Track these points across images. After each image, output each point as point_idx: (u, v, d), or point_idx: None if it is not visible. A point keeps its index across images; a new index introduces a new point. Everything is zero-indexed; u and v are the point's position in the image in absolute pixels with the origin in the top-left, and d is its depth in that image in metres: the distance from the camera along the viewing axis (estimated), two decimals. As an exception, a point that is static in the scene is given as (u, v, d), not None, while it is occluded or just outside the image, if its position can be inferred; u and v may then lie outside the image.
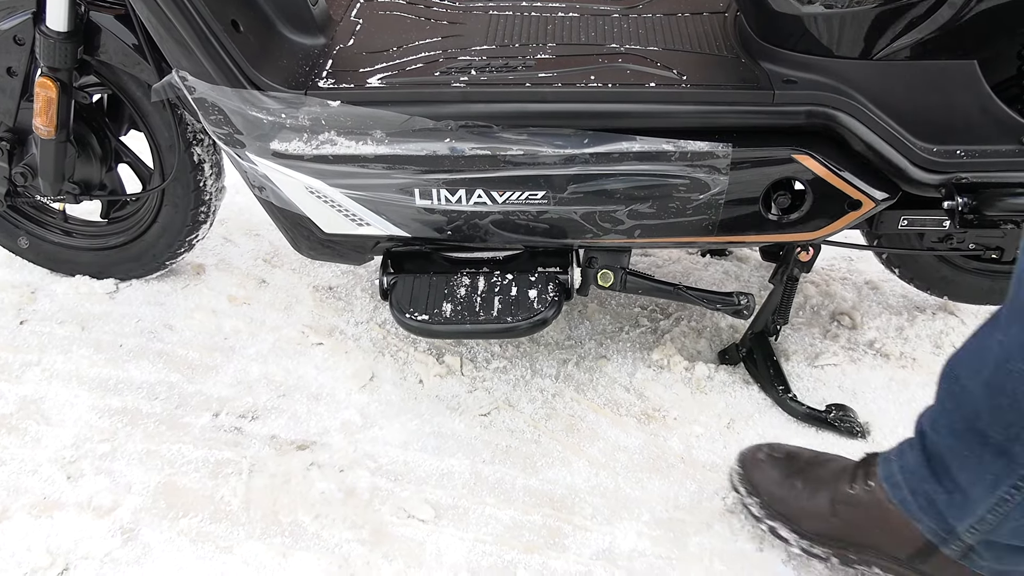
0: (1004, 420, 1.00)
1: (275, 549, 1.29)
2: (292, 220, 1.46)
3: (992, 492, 1.04)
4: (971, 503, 1.06)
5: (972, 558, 1.11)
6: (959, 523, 1.09)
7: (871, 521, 1.18)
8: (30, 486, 1.38)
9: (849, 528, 1.20)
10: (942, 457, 1.09)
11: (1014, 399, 0.98)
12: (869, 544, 1.20)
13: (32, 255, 1.80)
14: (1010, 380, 0.98)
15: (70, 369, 1.60)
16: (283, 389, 1.57)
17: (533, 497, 1.38)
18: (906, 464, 1.15)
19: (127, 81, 1.53)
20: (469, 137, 1.32)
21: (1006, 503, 1.03)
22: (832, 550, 1.23)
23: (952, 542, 1.11)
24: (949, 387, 1.08)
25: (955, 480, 1.08)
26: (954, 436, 1.07)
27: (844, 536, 1.21)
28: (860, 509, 1.19)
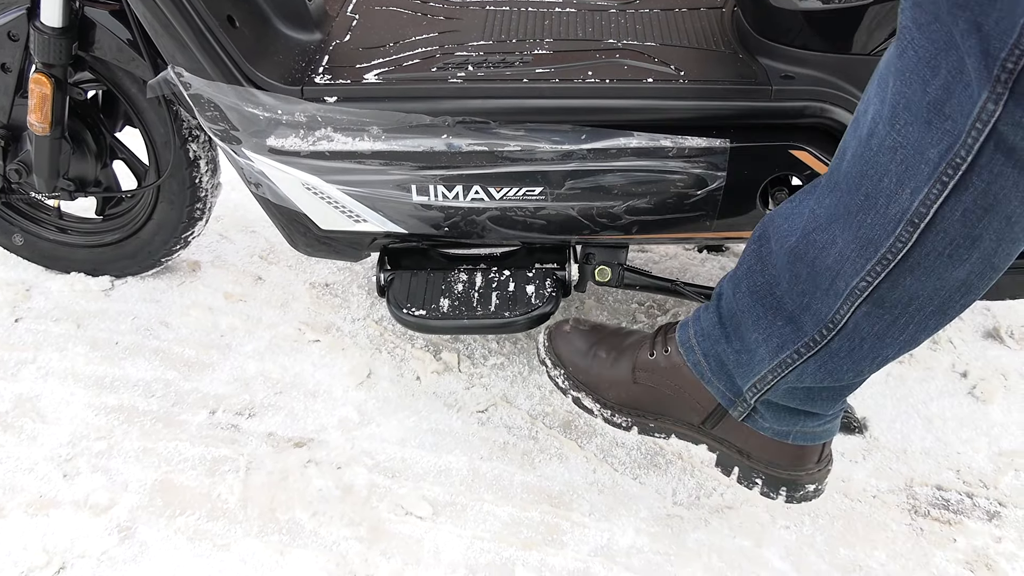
0: (799, 289, 1.03)
1: (272, 547, 1.29)
2: (288, 216, 1.46)
3: (776, 355, 1.08)
4: (756, 363, 1.12)
5: (754, 418, 1.18)
6: (744, 381, 1.15)
7: (667, 386, 1.23)
8: (26, 484, 1.37)
9: (647, 395, 1.25)
10: (736, 317, 1.13)
11: (812, 269, 1.01)
12: (666, 411, 1.25)
13: (27, 252, 1.79)
14: (811, 249, 1.01)
15: (66, 367, 1.59)
16: (280, 386, 1.56)
17: (531, 494, 1.38)
18: (700, 327, 1.19)
19: (122, 77, 1.52)
20: (466, 133, 1.31)
21: (786, 366, 1.08)
22: (632, 418, 1.28)
23: (738, 403, 1.18)
24: (758, 249, 1.10)
25: (744, 340, 1.12)
26: (753, 297, 1.10)
27: (643, 404, 1.27)
28: (658, 375, 1.24)
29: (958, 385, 1.59)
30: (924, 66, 0.85)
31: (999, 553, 1.30)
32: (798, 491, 1.21)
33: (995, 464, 1.44)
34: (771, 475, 1.21)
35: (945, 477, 1.42)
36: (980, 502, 1.38)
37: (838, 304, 1.00)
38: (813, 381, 1.09)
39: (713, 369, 1.18)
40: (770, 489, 1.22)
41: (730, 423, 1.21)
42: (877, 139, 0.92)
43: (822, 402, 1.14)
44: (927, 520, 1.35)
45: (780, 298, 1.06)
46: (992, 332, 1.70)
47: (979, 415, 1.53)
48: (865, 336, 1.01)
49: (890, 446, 1.47)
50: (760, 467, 1.21)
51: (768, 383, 1.12)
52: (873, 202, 0.94)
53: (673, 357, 1.22)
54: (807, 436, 1.18)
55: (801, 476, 1.20)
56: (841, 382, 1.08)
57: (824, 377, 1.07)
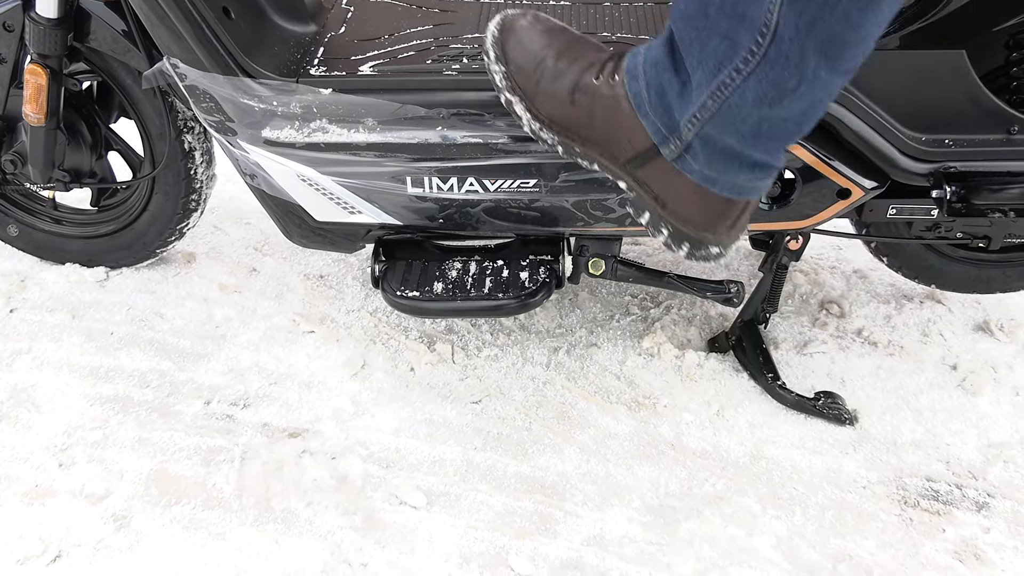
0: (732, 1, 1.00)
1: (268, 536, 1.29)
2: (283, 208, 1.46)
3: (715, 76, 1.04)
4: (695, 90, 1.08)
5: (686, 159, 1.14)
6: (682, 114, 1.11)
7: (603, 115, 1.19)
8: (22, 474, 1.38)
9: (581, 118, 1.21)
10: (684, 44, 1.08)
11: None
12: (595, 140, 1.22)
13: (22, 243, 1.79)
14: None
15: (61, 357, 1.59)
16: (275, 377, 1.57)
17: (524, 484, 1.39)
18: (651, 55, 1.15)
19: (117, 68, 1.52)
20: (461, 125, 1.32)
21: (726, 87, 1.04)
22: (560, 137, 1.24)
23: (672, 140, 1.14)
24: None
25: (684, 67, 1.09)
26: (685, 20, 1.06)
27: (574, 126, 1.22)
28: (597, 101, 1.19)
29: (948, 377, 1.60)
30: None
31: (987, 543, 1.31)
32: (700, 249, 1.21)
33: (984, 456, 1.45)
34: (678, 230, 1.20)
35: (935, 468, 1.43)
36: (969, 493, 1.39)
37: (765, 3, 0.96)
38: (754, 104, 1.04)
39: (652, 101, 1.13)
40: (674, 242, 1.21)
41: (656, 167, 1.18)
42: None
43: (764, 141, 1.09)
44: (917, 511, 1.36)
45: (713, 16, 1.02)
46: (982, 325, 1.71)
47: (968, 407, 1.54)
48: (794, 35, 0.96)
49: (880, 438, 1.48)
50: (670, 219, 1.20)
51: (708, 111, 1.07)
52: None
53: (617, 87, 1.17)
54: (734, 188, 1.15)
55: (708, 237, 1.19)
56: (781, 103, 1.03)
57: (769, 91, 1.02)
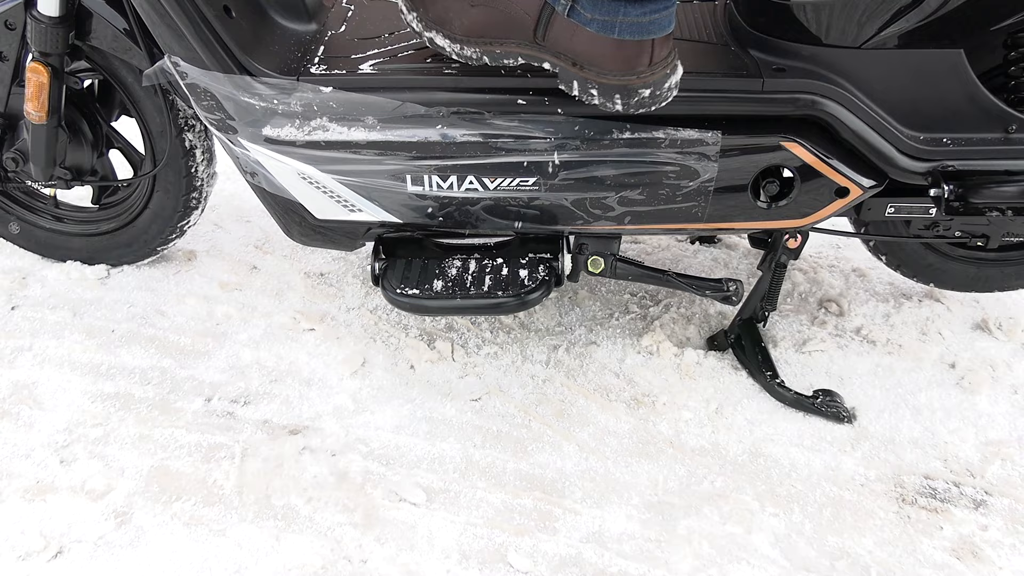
0: None
1: (268, 532, 1.30)
2: (284, 206, 1.47)
3: None
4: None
5: (576, 9, 1.18)
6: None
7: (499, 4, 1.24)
8: (23, 470, 1.38)
9: (486, 16, 1.26)
10: None
11: None
12: (506, 33, 1.26)
13: (23, 241, 1.80)
14: None
15: (62, 354, 1.60)
16: (275, 374, 1.57)
17: (524, 481, 1.39)
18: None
19: (118, 66, 1.53)
20: (460, 123, 1.32)
21: None
22: (481, 47, 1.29)
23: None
24: None
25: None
26: None
27: (486, 28, 1.27)
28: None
29: (946, 376, 1.61)
30: None
31: (985, 541, 1.32)
32: (632, 97, 1.21)
33: (982, 453, 1.46)
34: (603, 83, 1.21)
35: (933, 466, 1.44)
36: (967, 491, 1.40)
37: None
38: None
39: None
40: (605, 98, 1.22)
41: (559, 28, 1.21)
42: None
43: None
44: (914, 508, 1.37)
45: None
46: (980, 324, 1.72)
47: (967, 405, 1.55)
48: None
49: (879, 436, 1.48)
50: (592, 75, 1.21)
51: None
52: None
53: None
54: (632, 28, 1.17)
55: (632, 80, 1.20)
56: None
57: None
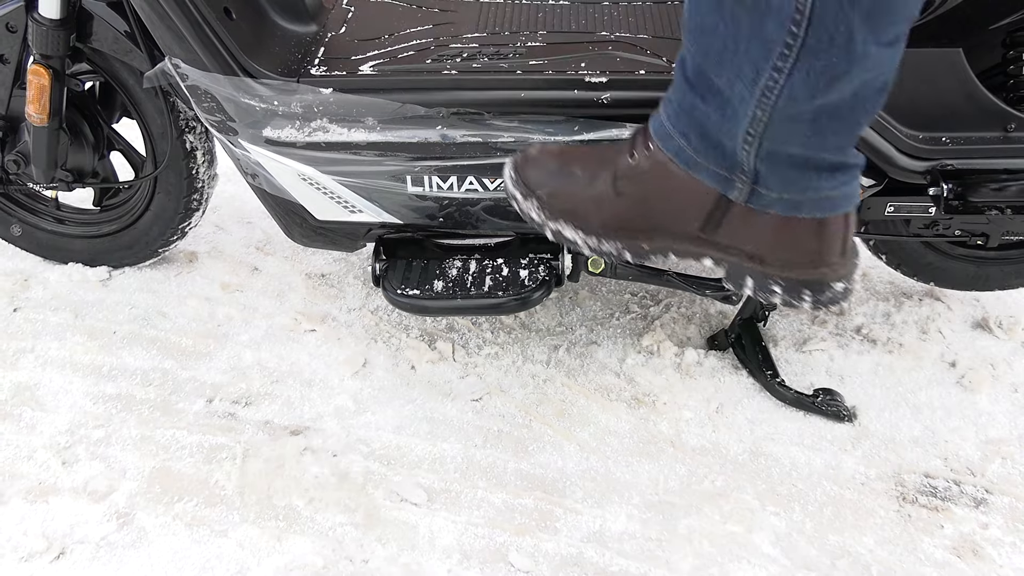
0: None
1: (269, 533, 1.30)
2: (285, 207, 1.47)
3: (755, 83, 0.96)
4: (739, 107, 0.99)
5: (759, 192, 1.05)
6: (734, 139, 1.01)
7: (656, 191, 1.10)
8: (26, 471, 1.39)
9: (635, 208, 1.12)
10: (702, 69, 1.00)
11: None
12: (659, 224, 1.12)
13: (25, 243, 1.80)
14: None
15: (64, 356, 1.60)
16: (276, 375, 1.58)
17: (525, 481, 1.40)
18: (672, 107, 1.07)
19: (119, 69, 1.53)
20: (460, 124, 1.33)
21: (771, 91, 0.95)
22: (622, 241, 1.15)
23: (736, 177, 1.04)
24: None
25: (717, 89, 1.00)
26: (705, 34, 0.98)
27: (632, 220, 1.13)
28: (643, 180, 1.10)
29: (947, 375, 1.61)
30: None
31: (985, 539, 1.32)
32: (824, 291, 1.08)
33: (982, 452, 1.46)
34: (791, 280, 1.08)
35: (933, 465, 1.44)
36: (967, 489, 1.40)
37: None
38: (807, 99, 0.95)
39: (697, 146, 1.05)
40: (792, 295, 1.09)
41: (734, 222, 1.07)
42: None
43: (831, 138, 1.00)
44: (915, 507, 1.37)
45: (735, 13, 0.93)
46: (981, 322, 1.72)
47: (967, 404, 1.55)
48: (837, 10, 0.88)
49: (879, 434, 1.48)
50: (775, 271, 1.08)
51: (760, 122, 0.98)
52: None
53: (656, 154, 1.08)
54: (823, 203, 1.04)
55: (824, 273, 1.07)
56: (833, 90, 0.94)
57: (815, 87, 0.94)
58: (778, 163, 1.02)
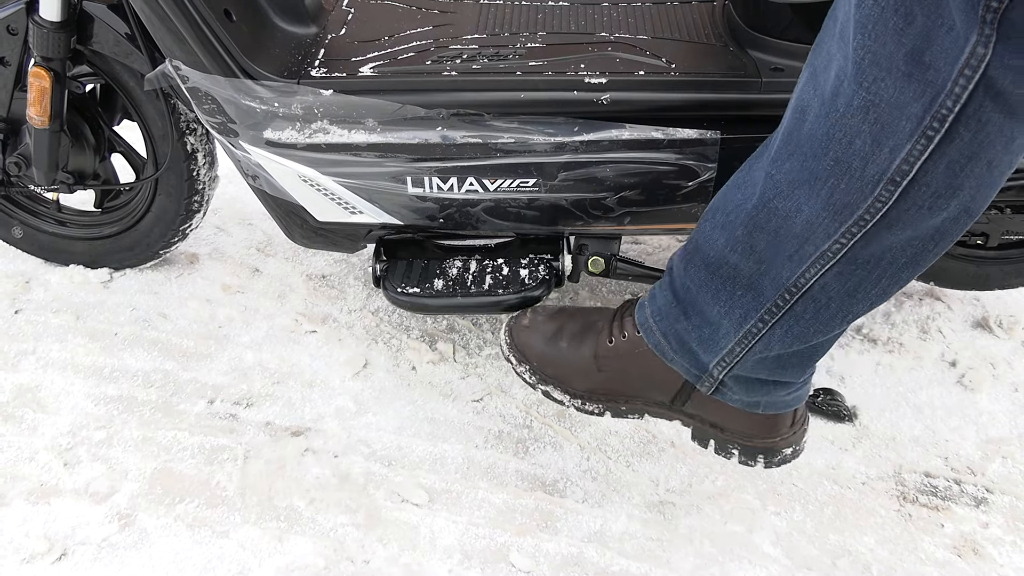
0: (758, 256, 1.00)
1: (271, 533, 1.30)
2: (285, 209, 1.47)
3: (741, 326, 1.05)
4: (720, 337, 1.09)
5: (723, 391, 1.15)
6: (709, 358, 1.12)
7: (632, 369, 1.21)
8: (27, 473, 1.39)
9: (614, 379, 1.23)
10: (692, 292, 1.10)
11: (775, 237, 0.98)
12: (635, 393, 1.23)
13: (26, 245, 1.81)
14: (773, 218, 0.97)
15: (65, 358, 1.61)
16: (277, 376, 1.58)
17: (525, 481, 1.40)
18: (657, 307, 1.16)
19: (120, 71, 1.54)
20: (460, 125, 1.33)
21: (753, 336, 1.05)
22: (603, 404, 1.27)
23: (704, 379, 1.15)
24: (710, 220, 1.08)
25: (704, 315, 1.09)
26: (708, 270, 1.07)
27: (611, 389, 1.24)
28: (621, 359, 1.21)
29: (947, 374, 1.61)
30: (892, 14, 0.79)
31: (986, 538, 1.32)
32: (775, 456, 1.20)
33: (983, 451, 1.46)
34: (746, 445, 1.20)
35: (933, 464, 1.44)
36: (968, 488, 1.40)
37: (803, 268, 0.97)
38: (782, 347, 1.06)
39: (675, 348, 1.15)
40: (747, 458, 1.21)
41: (700, 398, 1.19)
42: (844, 99, 0.86)
43: (792, 369, 1.11)
44: (915, 506, 1.37)
45: (736, 267, 1.03)
46: (981, 322, 1.72)
47: (967, 403, 1.55)
48: (833, 296, 0.98)
49: (879, 434, 1.49)
50: (735, 439, 1.20)
51: (736, 356, 1.09)
52: (845, 166, 0.88)
53: (633, 340, 1.20)
54: (777, 405, 1.16)
55: (776, 442, 1.19)
56: (810, 342, 1.05)
57: (792, 342, 1.04)
58: (743, 381, 1.13)
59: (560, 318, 1.32)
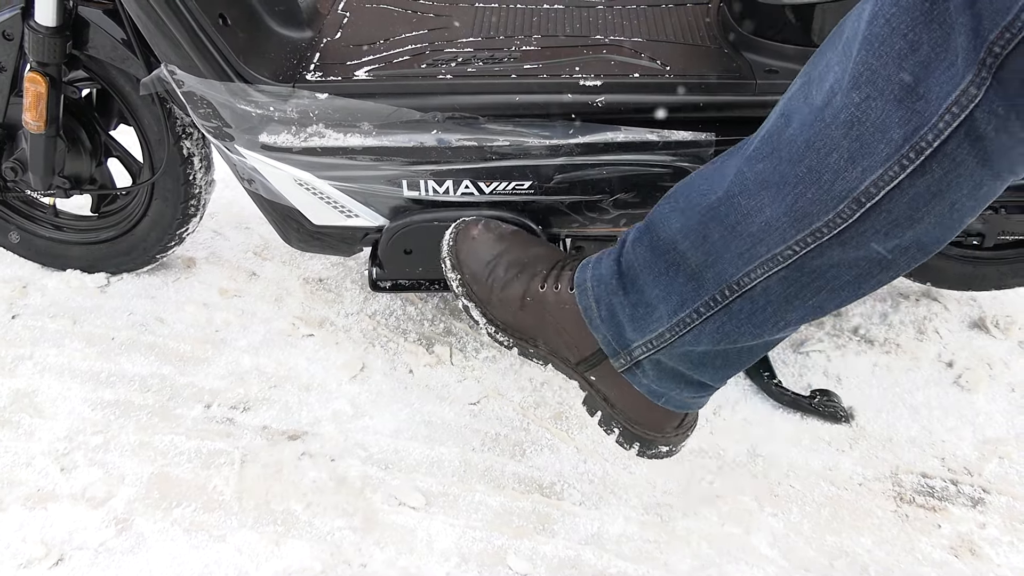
0: (707, 248, 1.00)
1: (268, 537, 1.30)
2: (281, 212, 1.47)
3: (676, 313, 1.05)
4: (653, 320, 1.08)
5: (635, 372, 1.15)
6: (635, 337, 1.11)
7: (553, 323, 1.20)
8: (24, 478, 1.39)
9: (533, 325, 1.23)
10: (635, 270, 1.09)
11: (730, 232, 0.98)
12: (546, 341, 1.23)
13: (23, 250, 1.81)
14: (733, 213, 0.97)
15: (62, 362, 1.61)
16: (274, 380, 1.58)
17: (522, 484, 1.40)
18: (599, 273, 1.15)
19: (116, 76, 1.54)
20: (456, 128, 1.33)
21: (685, 325, 1.05)
22: (514, 339, 1.27)
23: (621, 355, 1.14)
24: (669, 203, 1.08)
25: (643, 294, 1.09)
26: (654, 252, 1.07)
27: (526, 329, 1.24)
28: (544, 308, 1.21)
29: (944, 375, 1.61)
30: (900, 39, 0.80)
31: (983, 539, 1.32)
32: (651, 448, 1.22)
33: (980, 452, 1.46)
34: (628, 429, 1.21)
35: (930, 465, 1.44)
36: (965, 489, 1.40)
37: (750, 268, 0.97)
38: (710, 343, 1.06)
39: (603, 316, 1.14)
40: (625, 440, 1.22)
41: (604, 371, 1.18)
42: (832, 110, 0.87)
43: (712, 370, 1.11)
44: (912, 507, 1.37)
45: (683, 254, 1.03)
46: (978, 322, 1.72)
47: (964, 404, 1.55)
48: (772, 299, 0.99)
49: (876, 435, 1.49)
50: (620, 419, 1.21)
51: (665, 341, 1.09)
52: (816, 176, 0.89)
53: (563, 295, 1.19)
54: (678, 403, 1.17)
55: (657, 438, 1.21)
56: (736, 344, 1.06)
57: (721, 339, 1.05)
58: (659, 368, 1.13)
59: (506, 243, 1.30)
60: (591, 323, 1.16)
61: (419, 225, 1.41)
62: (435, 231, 1.41)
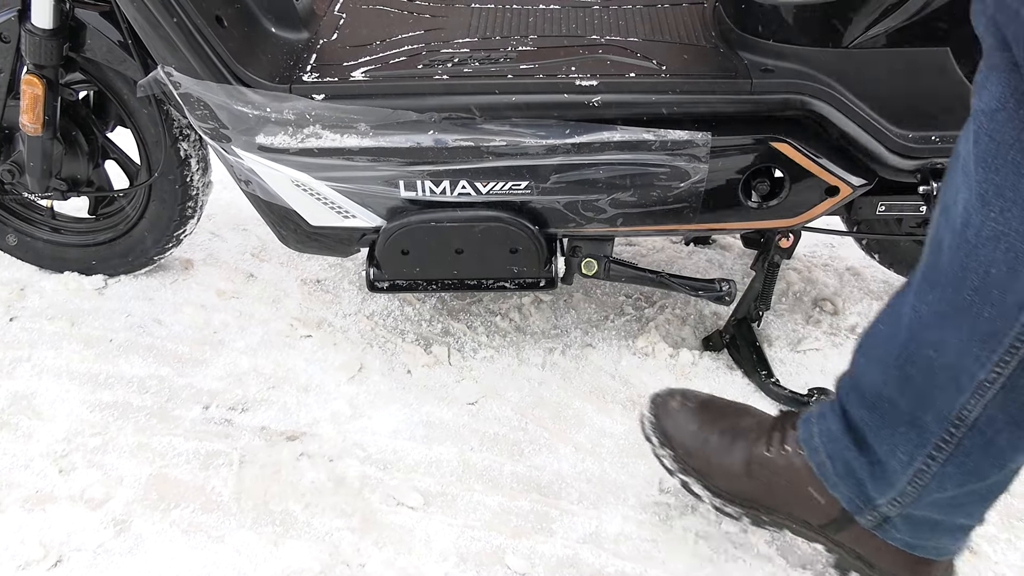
0: (913, 391, 0.98)
1: (266, 538, 1.30)
2: (279, 214, 1.47)
3: (909, 464, 1.01)
4: (890, 475, 1.04)
5: (886, 529, 1.10)
6: (880, 495, 1.06)
7: (786, 486, 1.15)
8: (22, 480, 1.39)
9: (763, 491, 1.17)
10: (861, 427, 1.06)
11: (928, 370, 0.96)
12: (782, 508, 1.17)
13: (20, 252, 1.81)
14: (923, 349, 0.95)
15: (60, 364, 1.61)
16: (272, 381, 1.58)
17: (520, 483, 1.40)
18: (826, 429, 1.11)
19: (113, 77, 1.54)
20: (452, 129, 1.33)
21: (924, 474, 1.01)
22: (744, 510, 1.21)
23: (868, 512, 1.09)
24: (866, 355, 1.06)
25: (874, 452, 1.05)
26: (865, 407, 1.04)
27: (757, 498, 1.19)
28: (776, 473, 1.15)
29: (941, 372, 1.61)
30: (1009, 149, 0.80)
31: (981, 536, 1.32)
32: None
33: (977, 449, 1.46)
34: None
35: (928, 462, 1.44)
36: (962, 486, 1.40)
37: (962, 399, 0.94)
38: (955, 487, 1.01)
39: (839, 472, 1.09)
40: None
41: (854, 531, 1.12)
42: (973, 229, 0.87)
43: (967, 511, 1.06)
44: (910, 505, 1.37)
45: (894, 402, 1.01)
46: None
47: (961, 402, 1.55)
48: (1001, 428, 0.94)
49: (874, 433, 1.49)
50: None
51: (909, 496, 1.03)
52: (985, 295, 0.88)
53: (793, 457, 1.13)
54: (937, 551, 1.11)
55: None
56: (986, 479, 1.00)
57: (965, 480, 1.00)
58: (913, 521, 1.07)
59: (710, 409, 1.25)
60: (828, 481, 1.11)
61: (416, 226, 1.41)
62: (432, 232, 1.41)
